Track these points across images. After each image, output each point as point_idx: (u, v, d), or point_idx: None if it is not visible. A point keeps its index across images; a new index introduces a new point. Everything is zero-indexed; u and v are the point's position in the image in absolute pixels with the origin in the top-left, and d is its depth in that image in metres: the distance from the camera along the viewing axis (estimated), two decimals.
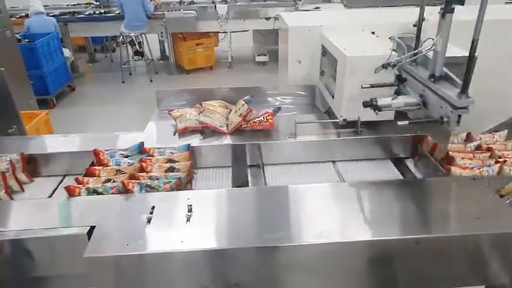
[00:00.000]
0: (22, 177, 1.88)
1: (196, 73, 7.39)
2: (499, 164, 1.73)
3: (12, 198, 1.77)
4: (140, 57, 7.12)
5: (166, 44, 7.52)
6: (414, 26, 2.20)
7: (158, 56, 8.38)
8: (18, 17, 6.83)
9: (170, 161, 1.83)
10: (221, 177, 1.96)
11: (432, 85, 1.65)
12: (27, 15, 6.60)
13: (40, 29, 6.13)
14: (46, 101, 5.85)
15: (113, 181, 1.67)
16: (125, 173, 1.72)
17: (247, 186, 1.86)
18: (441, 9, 1.55)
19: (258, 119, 2.06)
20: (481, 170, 1.70)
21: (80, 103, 6.26)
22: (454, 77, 1.63)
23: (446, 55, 2.10)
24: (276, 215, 1.44)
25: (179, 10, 6.83)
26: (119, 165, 1.79)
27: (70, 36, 7.08)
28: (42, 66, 5.70)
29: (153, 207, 1.45)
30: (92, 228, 1.37)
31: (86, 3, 7.72)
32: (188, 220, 1.39)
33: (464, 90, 1.49)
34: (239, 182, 1.89)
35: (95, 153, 1.86)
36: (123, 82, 6.97)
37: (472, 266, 1.38)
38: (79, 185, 1.65)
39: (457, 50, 2.16)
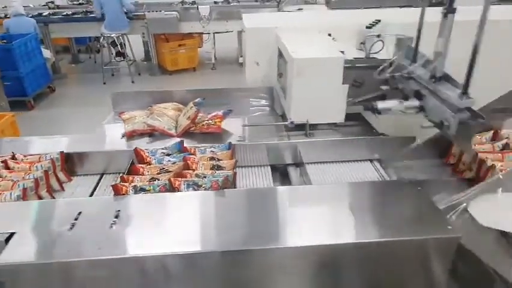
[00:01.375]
0: (61, 176, 1.85)
1: (179, 74, 7.34)
2: None
3: (53, 197, 1.75)
4: (122, 58, 7.06)
5: (148, 45, 7.45)
6: (367, 27, 2.20)
7: (143, 57, 8.32)
8: None
9: (213, 159, 1.80)
10: None
11: (432, 86, 1.62)
12: (6, 16, 6.53)
13: (19, 30, 6.07)
14: (24, 103, 5.79)
15: (158, 179, 1.65)
16: (169, 171, 1.70)
17: None
18: (444, 9, 1.53)
19: (206, 121, 2.03)
20: None
21: (59, 104, 6.19)
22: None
23: None
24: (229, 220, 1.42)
25: (160, 11, 6.77)
26: (162, 163, 1.77)
27: (50, 36, 7.01)
28: (19, 67, 5.63)
29: (79, 213, 1.41)
30: (12, 234, 1.33)
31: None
32: (111, 227, 1.35)
33: (465, 90, 1.47)
34: None
35: (136, 151, 1.84)
36: (104, 83, 6.92)
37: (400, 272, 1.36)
38: (124, 183, 1.62)
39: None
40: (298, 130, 2.04)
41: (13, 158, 1.84)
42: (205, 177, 1.65)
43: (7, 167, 1.78)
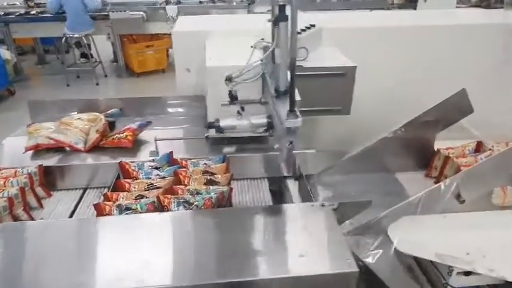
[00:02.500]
0: (40, 191, 1.69)
1: (147, 76, 7.13)
2: None
3: (31, 216, 1.58)
4: (87, 60, 6.83)
5: (114, 46, 7.23)
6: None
7: (112, 58, 8.09)
8: None
9: (207, 172, 1.65)
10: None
11: (275, 101, 1.47)
12: None
13: None
14: None
15: (146, 197, 1.50)
16: (158, 187, 1.56)
17: None
18: (272, 17, 1.38)
19: (117, 135, 1.86)
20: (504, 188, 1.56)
21: (17, 108, 5.93)
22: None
23: (331, 65, 1.97)
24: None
25: (125, 11, 6.56)
26: (150, 178, 1.63)
27: (11, 37, 6.73)
28: None
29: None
30: None
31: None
32: None
33: (291, 108, 1.32)
34: None
35: (121, 165, 1.68)
36: (68, 85, 6.68)
37: None
38: (108, 202, 1.46)
39: (346, 60, 2.02)
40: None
41: None
42: (198, 193, 1.51)
43: None
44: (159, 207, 1.46)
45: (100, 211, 1.44)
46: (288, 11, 1.33)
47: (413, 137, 1.90)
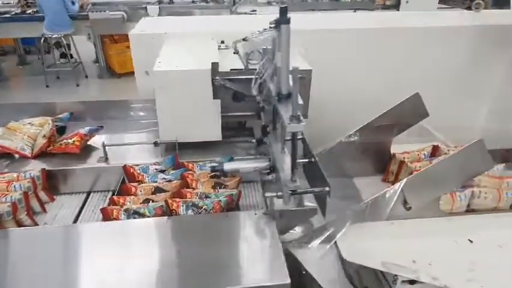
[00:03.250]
0: (43, 195, 1.66)
1: (128, 77, 7.03)
2: (471, 189, 1.58)
3: (34, 221, 1.54)
4: (66, 60, 6.74)
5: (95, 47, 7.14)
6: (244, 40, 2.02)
7: (94, 58, 7.99)
8: None
9: (215, 176, 1.63)
10: None
11: (277, 105, 1.41)
12: None
13: None
14: None
15: (153, 200, 1.49)
16: (165, 190, 1.55)
17: None
18: (275, 20, 1.33)
19: (65, 141, 1.81)
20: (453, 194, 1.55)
21: None
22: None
23: None
24: None
25: (105, 11, 6.47)
26: (156, 182, 1.61)
27: None
28: None
29: None
30: None
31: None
32: None
33: (294, 112, 1.27)
34: None
35: (126, 169, 1.66)
36: (47, 86, 6.58)
37: None
38: (115, 206, 1.44)
39: (302, 62, 1.99)
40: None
41: None
42: (207, 197, 1.49)
43: None
44: (167, 211, 1.45)
45: (106, 215, 1.43)
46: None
47: (369, 141, 1.87)
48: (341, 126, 2.02)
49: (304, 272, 1.44)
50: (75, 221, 1.59)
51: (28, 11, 6.69)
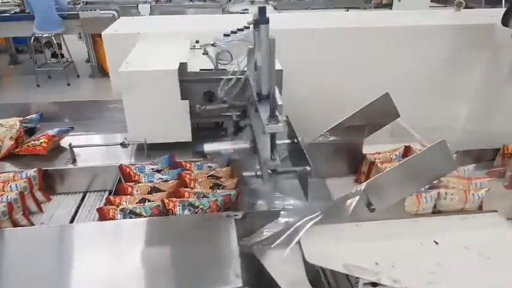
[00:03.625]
0: (39, 195, 1.66)
1: None
2: (438, 190, 1.55)
3: (30, 221, 1.54)
4: (57, 60, 6.72)
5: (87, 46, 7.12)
6: (225, 35, 2.00)
7: (87, 57, 7.98)
8: None
9: (212, 176, 1.63)
10: None
11: (258, 105, 1.40)
12: None
13: None
14: None
15: (150, 200, 1.49)
16: (162, 190, 1.56)
17: None
18: (253, 20, 1.32)
19: (32, 142, 1.80)
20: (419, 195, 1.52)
21: None
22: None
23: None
24: None
25: (95, 10, 6.45)
26: (152, 182, 1.62)
27: None
28: None
29: None
30: None
31: None
32: None
33: (272, 112, 1.26)
34: None
35: (122, 168, 1.66)
36: (38, 86, 6.57)
37: None
38: (111, 206, 1.46)
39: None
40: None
41: None
42: (204, 196, 1.49)
43: None
44: (163, 210, 1.44)
45: (103, 215, 1.43)
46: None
47: (340, 141, 1.86)
48: (321, 127, 2.00)
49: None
50: (71, 221, 1.59)
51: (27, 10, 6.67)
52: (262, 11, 1.31)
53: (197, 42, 2.21)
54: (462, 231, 1.55)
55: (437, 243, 1.50)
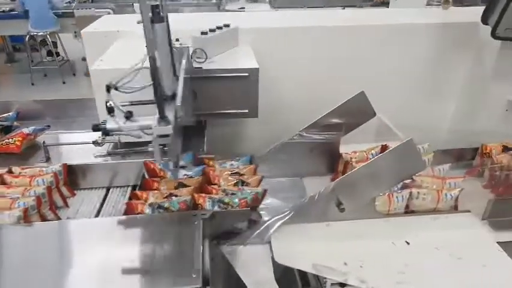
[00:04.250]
0: (65, 191, 1.68)
1: None
2: (409, 190, 1.56)
3: (57, 215, 1.56)
4: (53, 58, 6.73)
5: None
6: (202, 33, 1.99)
7: (83, 55, 7.97)
8: None
9: (236, 174, 1.66)
10: None
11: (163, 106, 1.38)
12: None
13: None
14: None
15: (176, 195, 1.51)
16: (188, 185, 1.57)
17: None
18: (150, 18, 1.29)
19: (6, 140, 1.80)
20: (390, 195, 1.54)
21: None
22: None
23: (233, 67, 1.91)
24: None
25: (90, 8, 6.44)
26: (177, 178, 1.64)
27: None
28: None
29: None
30: None
31: None
32: None
33: (162, 114, 1.25)
34: None
35: (147, 165, 1.68)
36: (33, 84, 6.57)
37: None
38: (139, 200, 1.48)
39: (249, 61, 1.96)
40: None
41: (10, 171, 1.63)
42: (233, 194, 1.52)
43: (3, 182, 1.57)
44: (192, 205, 1.46)
45: (131, 209, 1.44)
46: None
47: (316, 140, 1.84)
48: (302, 126, 1.99)
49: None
50: (97, 215, 1.60)
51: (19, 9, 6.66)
52: (154, 9, 1.27)
53: (177, 40, 2.19)
54: (434, 231, 1.53)
55: (408, 243, 1.49)
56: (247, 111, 1.96)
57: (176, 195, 1.51)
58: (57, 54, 6.83)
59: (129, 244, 1.29)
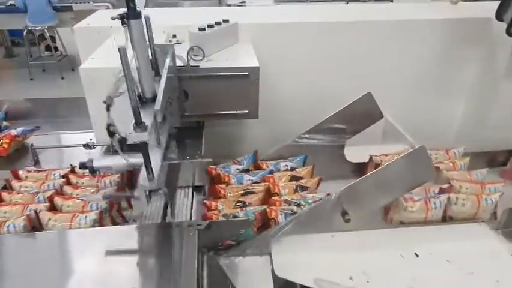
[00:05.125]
0: (127, 191, 1.59)
1: None
2: (447, 195, 1.48)
3: (124, 218, 1.49)
4: (51, 53, 6.63)
5: None
6: (200, 29, 1.89)
7: None
8: None
9: (294, 178, 1.63)
10: None
11: (141, 109, 1.29)
12: None
13: None
14: None
15: (245, 203, 1.49)
16: (254, 192, 1.54)
17: None
18: (124, 13, 1.19)
19: None
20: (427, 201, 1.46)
21: None
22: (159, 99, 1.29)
23: (231, 65, 1.81)
24: None
25: (89, 2, 6.33)
26: (242, 183, 1.62)
27: None
28: None
29: None
30: None
31: None
32: None
33: (137, 120, 1.16)
34: None
35: (209, 171, 1.68)
36: (31, 79, 6.49)
37: None
38: (213, 211, 1.47)
39: (249, 59, 1.87)
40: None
41: (72, 171, 1.59)
42: (297, 204, 1.47)
43: (68, 183, 1.52)
44: (265, 218, 1.43)
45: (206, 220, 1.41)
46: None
47: (318, 143, 1.75)
48: (305, 127, 1.89)
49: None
50: (163, 218, 1.47)
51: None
52: (129, 3, 1.15)
53: (174, 36, 2.10)
54: (445, 242, 1.44)
55: (417, 255, 1.40)
56: (247, 111, 1.86)
57: (244, 203, 1.48)
58: (56, 49, 6.73)
59: (118, 256, 1.20)
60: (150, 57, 1.44)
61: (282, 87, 2.31)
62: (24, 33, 6.37)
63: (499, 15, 1.85)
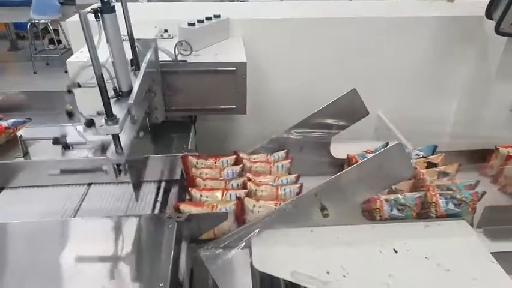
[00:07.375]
0: None
1: None
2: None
3: None
4: (55, 46, 6.68)
5: None
6: (189, 24, 1.90)
7: None
8: None
9: (430, 164, 1.72)
10: None
11: (113, 104, 1.32)
12: None
13: None
14: None
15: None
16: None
17: None
18: (98, 7, 1.22)
19: None
20: None
21: None
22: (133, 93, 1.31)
23: (218, 60, 1.83)
24: None
25: None
26: None
27: None
28: None
29: None
30: None
31: None
32: None
33: (109, 113, 1.18)
34: None
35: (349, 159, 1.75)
36: (35, 73, 6.54)
37: None
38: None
39: (236, 55, 1.88)
40: None
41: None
42: (449, 189, 1.55)
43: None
44: (425, 203, 1.51)
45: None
46: None
47: (306, 139, 1.76)
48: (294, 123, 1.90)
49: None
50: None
51: None
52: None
53: (166, 31, 2.12)
54: (425, 239, 1.45)
55: (396, 251, 1.41)
56: (234, 107, 1.87)
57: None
58: (59, 42, 6.77)
59: (95, 248, 1.22)
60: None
61: (274, 83, 2.32)
62: (29, 26, 6.42)
63: (489, 14, 1.84)
